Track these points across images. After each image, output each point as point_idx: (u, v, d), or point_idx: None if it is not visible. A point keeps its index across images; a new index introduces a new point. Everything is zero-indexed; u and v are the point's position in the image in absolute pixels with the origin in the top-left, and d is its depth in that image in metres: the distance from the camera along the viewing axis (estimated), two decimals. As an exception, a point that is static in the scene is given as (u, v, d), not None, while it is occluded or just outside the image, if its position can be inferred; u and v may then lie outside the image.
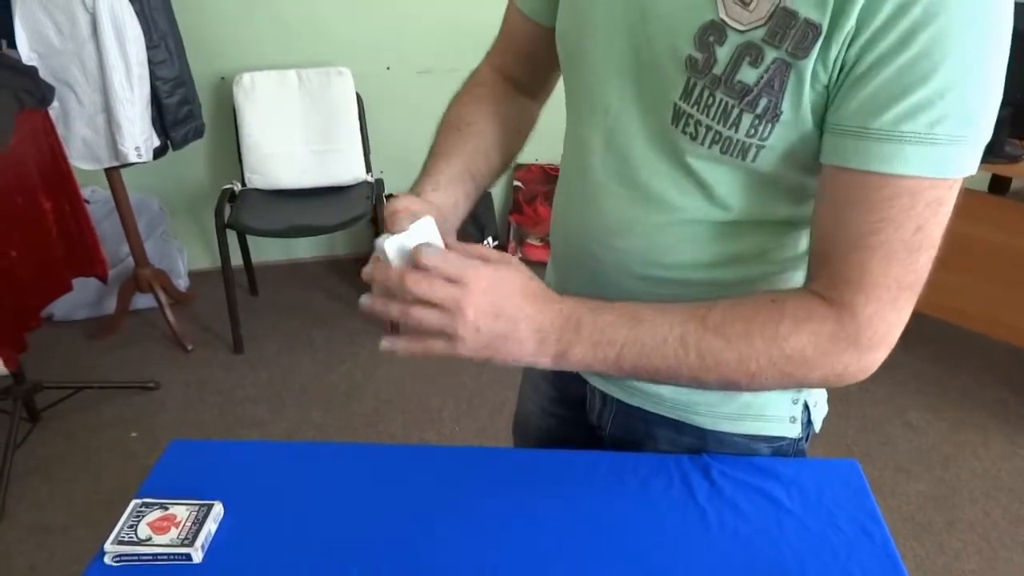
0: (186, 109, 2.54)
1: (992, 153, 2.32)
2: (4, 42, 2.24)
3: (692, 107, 0.70)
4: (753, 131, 0.68)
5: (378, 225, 2.74)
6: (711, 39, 0.67)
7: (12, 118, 1.92)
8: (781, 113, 0.66)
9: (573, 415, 1.04)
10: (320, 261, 3.32)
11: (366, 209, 2.68)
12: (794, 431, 0.92)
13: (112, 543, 0.80)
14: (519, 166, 3.31)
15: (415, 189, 0.81)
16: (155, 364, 2.69)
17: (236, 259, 2.87)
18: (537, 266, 0.96)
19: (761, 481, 0.88)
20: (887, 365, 0.74)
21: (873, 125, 0.62)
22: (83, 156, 2.37)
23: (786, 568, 0.78)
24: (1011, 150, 2.33)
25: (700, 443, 0.93)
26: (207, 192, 3.05)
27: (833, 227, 0.68)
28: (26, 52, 2.19)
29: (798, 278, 0.83)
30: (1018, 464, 2.25)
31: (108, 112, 2.31)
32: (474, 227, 3.07)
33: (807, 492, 0.88)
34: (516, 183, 3.30)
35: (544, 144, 1.17)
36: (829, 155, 0.66)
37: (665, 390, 0.91)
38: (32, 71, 2.09)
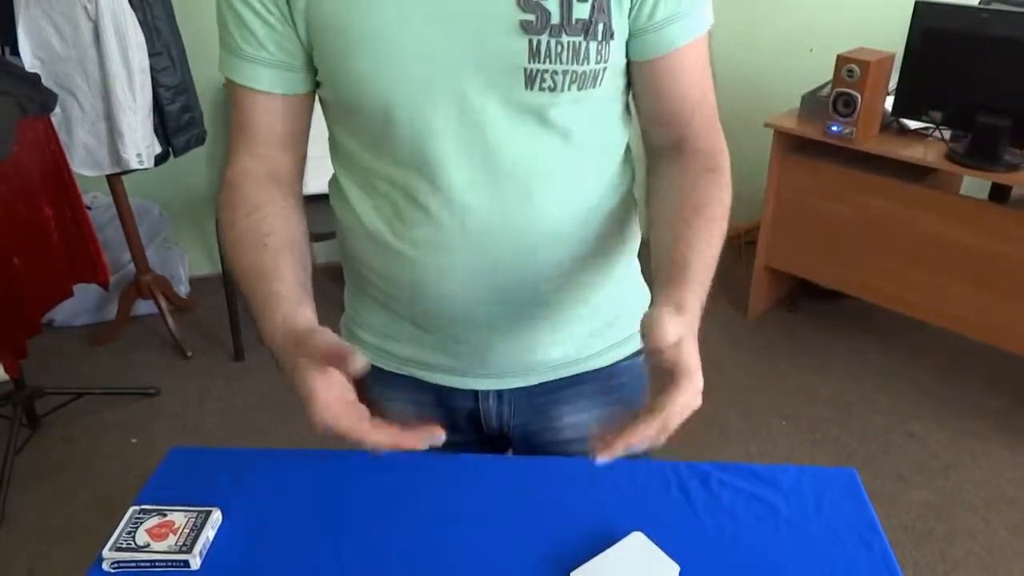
0: (188, 116, 2.55)
1: (992, 162, 2.32)
2: (7, 49, 2.25)
3: (544, 62, 0.77)
4: (599, 56, 0.79)
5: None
6: None
7: (14, 125, 1.93)
8: (614, 30, 0.79)
9: (461, 438, 1.04)
10: (321, 267, 3.30)
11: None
12: None
13: (110, 549, 0.80)
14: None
15: (287, 318, 0.75)
16: (155, 370, 2.69)
17: (237, 266, 2.87)
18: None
19: (759, 489, 0.88)
20: (890, 375, 0.76)
21: (679, 9, 0.81)
22: (85, 163, 2.37)
23: (784, 577, 0.78)
24: (1010, 159, 2.33)
25: (603, 384, 1.02)
26: (208, 199, 3.06)
27: (681, 98, 0.87)
28: (29, 59, 2.20)
29: (627, 179, 0.95)
30: (1019, 474, 2.25)
31: (110, 119, 2.31)
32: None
33: (805, 501, 0.88)
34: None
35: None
36: (659, 47, 0.82)
37: (558, 353, 0.97)
38: (35, 78, 2.10)
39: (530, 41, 0.76)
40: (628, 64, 0.85)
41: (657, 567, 0.77)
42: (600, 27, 0.77)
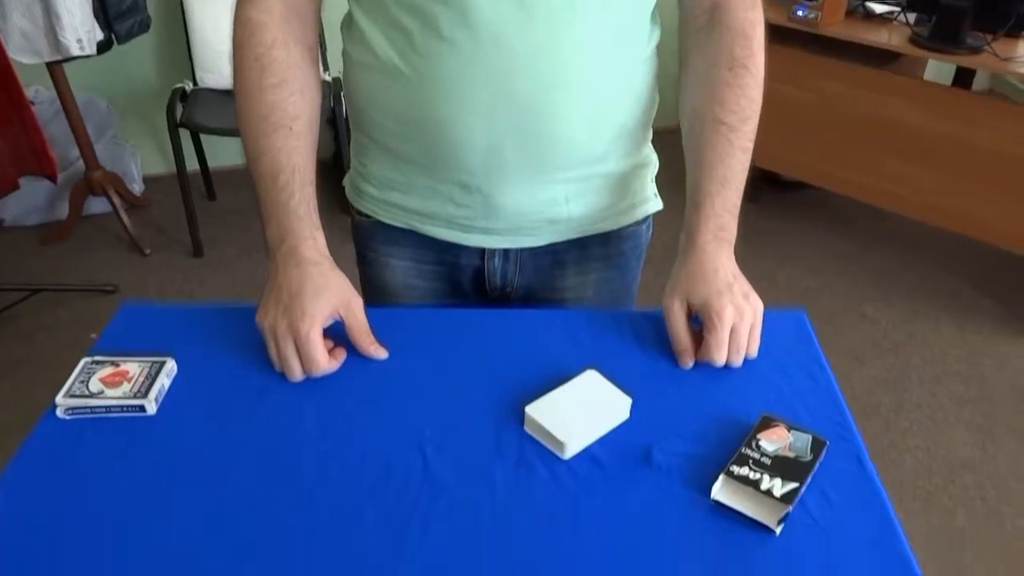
0: (130, 0, 2.42)
1: (955, 44, 2.31)
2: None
3: None
4: None
5: (336, 126, 2.68)
6: None
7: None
8: None
9: (462, 298, 1.07)
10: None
11: (324, 108, 2.60)
12: (659, 204, 1.08)
13: (64, 396, 0.80)
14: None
15: (292, 234, 0.86)
16: (113, 268, 2.64)
17: (192, 165, 2.79)
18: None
19: (711, 330, 0.90)
20: (847, 261, 0.79)
21: None
22: (22, 49, 2.25)
23: (735, 408, 0.80)
24: (973, 42, 2.32)
25: (605, 249, 1.05)
26: (157, 92, 2.94)
27: None
28: (-48, -67, 2.06)
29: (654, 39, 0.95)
30: (966, 350, 2.34)
31: (45, 1, 2.19)
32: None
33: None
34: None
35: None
36: None
37: (568, 212, 0.98)
38: (-40, -47, 1.97)
39: None
40: None
41: (610, 399, 0.79)
42: None
